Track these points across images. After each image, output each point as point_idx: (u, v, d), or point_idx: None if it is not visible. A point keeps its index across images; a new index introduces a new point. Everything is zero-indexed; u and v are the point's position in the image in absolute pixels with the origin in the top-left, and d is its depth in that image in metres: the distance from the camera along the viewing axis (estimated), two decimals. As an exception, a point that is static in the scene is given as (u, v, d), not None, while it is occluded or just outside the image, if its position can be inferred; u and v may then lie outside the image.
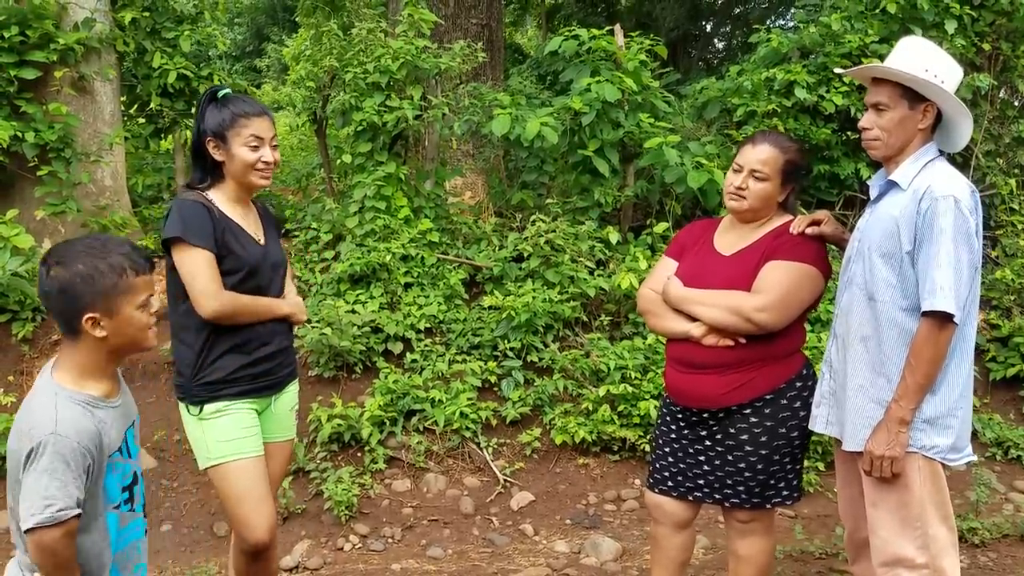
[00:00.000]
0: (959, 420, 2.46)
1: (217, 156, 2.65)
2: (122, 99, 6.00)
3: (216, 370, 2.64)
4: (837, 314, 2.70)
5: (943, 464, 2.47)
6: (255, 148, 2.64)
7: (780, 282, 2.61)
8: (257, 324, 2.69)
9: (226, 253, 2.61)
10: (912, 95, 2.48)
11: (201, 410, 2.65)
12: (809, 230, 2.70)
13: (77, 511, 1.77)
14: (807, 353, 2.90)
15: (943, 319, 2.34)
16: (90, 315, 1.84)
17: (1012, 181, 6.20)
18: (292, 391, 2.92)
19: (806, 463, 4.62)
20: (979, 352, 5.50)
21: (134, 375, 4.94)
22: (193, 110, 5.81)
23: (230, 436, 2.64)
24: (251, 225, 2.76)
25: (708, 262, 2.78)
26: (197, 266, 2.55)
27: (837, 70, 2.86)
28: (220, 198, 2.70)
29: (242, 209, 2.75)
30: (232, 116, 2.62)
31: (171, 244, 2.58)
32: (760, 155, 2.70)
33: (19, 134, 5.03)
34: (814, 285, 2.67)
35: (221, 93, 2.68)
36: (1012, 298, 5.63)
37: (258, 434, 2.74)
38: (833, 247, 2.86)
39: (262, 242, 2.76)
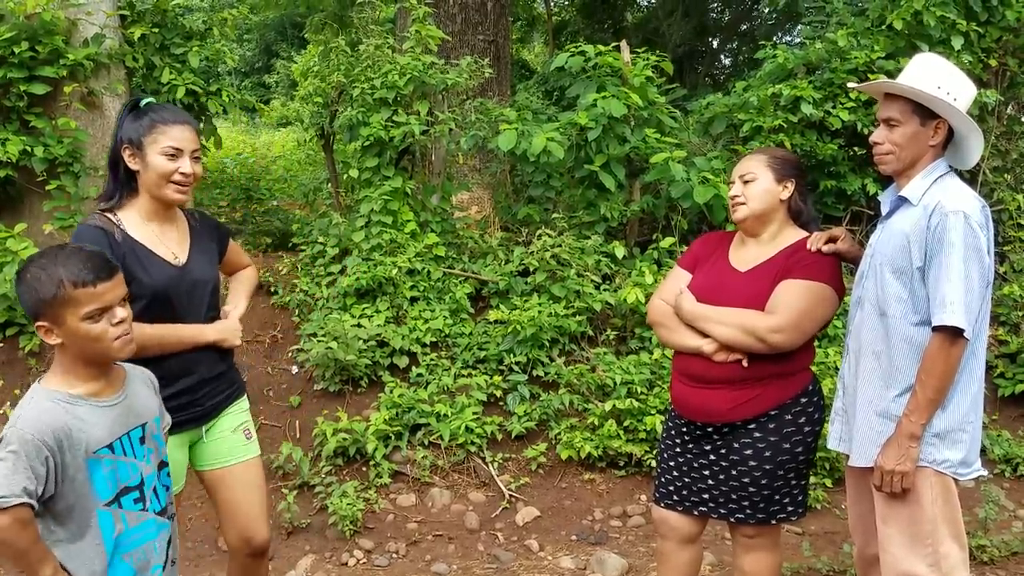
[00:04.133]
0: (969, 434, 2.45)
1: (132, 165, 2.49)
2: (131, 114, 6.02)
3: None
4: (850, 330, 2.69)
5: (954, 479, 2.46)
6: (172, 158, 2.47)
7: (795, 302, 2.60)
8: (171, 355, 2.49)
9: (129, 280, 2.36)
10: (924, 111, 2.48)
11: None
12: (826, 247, 2.70)
13: (22, 500, 1.79)
14: (815, 369, 2.88)
15: (954, 334, 2.34)
16: (39, 324, 1.91)
17: (1020, 197, 6.19)
18: (233, 413, 2.72)
19: (814, 479, 4.60)
20: (987, 368, 5.44)
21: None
22: (201, 125, 5.83)
23: None
24: (171, 242, 2.57)
25: (724, 278, 2.77)
26: None
27: (849, 85, 2.87)
28: (132, 216, 2.52)
29: (159, 225, 2.55)
30: (150, 123, 2.47)
31: None
32: (744, 163, 2.81)
33: (28, 149, 5.06)
34: (829, 304, 2.66)
35: (144, 102, 2.54)
36: (1020, 314, 5.61)
37: (175, 473, 2.48)
38: (846, 264, 2.85)
39: (180, 261, 2.55)
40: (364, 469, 4.59)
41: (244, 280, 2.97)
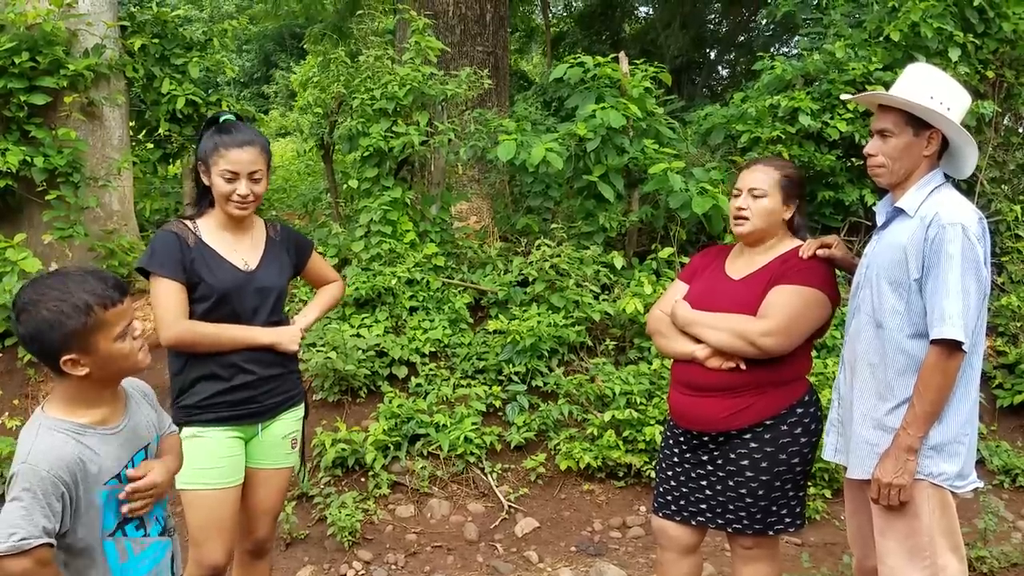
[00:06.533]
0: (965, 446, 2.45)
1: (205, 181, 2.70)
2: (131, 124, 6.04)
3: (192, 395, 2.66)
4: (846, 341, 2.69)
5: (951, 492, 2.45)
6: (229, 181, 2.64)
7: (786, 306, 2.61)
8: (232, 352, 2.66)
9: (197, 281, 2.62)
10: (917, 122, 2.48)
11: (179, 432, 2.65)
12: (820, 252, 2.71)
13: (43, 540, 1.71)
14: (812, 379, 2.89)
15: (952, 347, 2.33)
16: (66, 357, 1.79)
17: (1017, 207, 6.21)
18: (288, 419, 2.86)
19: (813, 490, 4.59)
20: (986, 379, 5.47)
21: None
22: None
23: (199, 464, 2.62)
24: (243, 250, 2.75)
25: (717, 286, 2.79)
26: (158, 295, 2.59)
27: (843, 96, 2.87)
28: (209, 223, 2.72)
29: (232, 234, 2.74)
30: (214, 145, 2.64)
31: (143, 273, 2.64)
32: (754, 175, 2.76)
33: (28, 159, 5.07)
34: (821, 310, 2.67)
35: (223, 119, 2.70)
36: (1018, 324, 5.62)
37: (235, 464, 2.72)
38: (842, 273, 2.86)
39: (250, 268, 2.73)
40: (363, 480, 4.58)
41: (325, 293, 3.10)
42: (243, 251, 2.74)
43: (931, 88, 2.47)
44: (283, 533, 4.17)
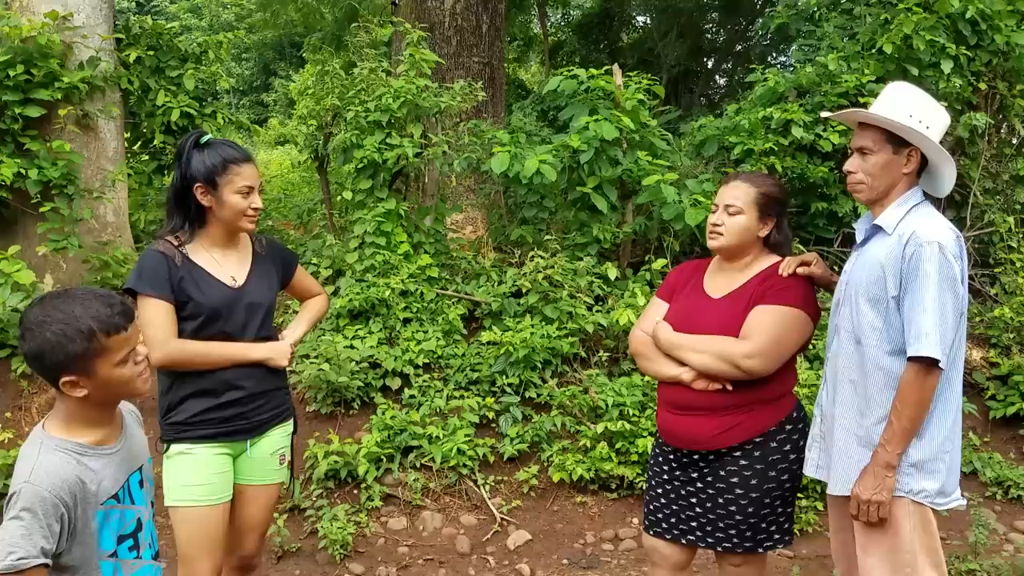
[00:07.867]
0: (946, 464, 2.46)
1: (205, 202, 2.66)
2: (125, 136, 6.06)
3: (181, 412, 2.66)
4: (828, 358, 2.70)
5: (933, 509, 2.46)
6: (246, 195, 2.67)
7: (769, 328, 2.61)
8: (223, 369, 2.66)
9: (185, 300, 2.62)
10: (896, 140, 2.50)
11: (167, 449, 2.68)
12: (800, 270, 2.72)
13: (40, 560, 1.73)
14: (804, 392, 2.89)
15: (929, 364, 2.34)
16: (66, 379, 1.81)
17: (1011, 219, 6.21)
18: (277, 435, 2.87)
19: (805, 503, 4.58)
20: (979, 390, 5.48)
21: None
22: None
23: (188, 481, 2.64)
24: (230, 266, 2.74)
25: (698, 305, 2.79)
26: (147, 316, 2.58)
27: (823, 114, 2.89)
28: (199, 243, 2.71)
29: (221, 251, 2.74)
30: (223, 163, 2.63)
31: (130, 294, 2.64)
32: (732, 190, 2.75)
33: (23, 171, 5.08)
34: (802, 329, 2.68)
35: (204, 139, 2.69)
36: (1011, 336, 5.61)
37: (223, 481, 2.72)
38: (821, 292, 2.86)
39: (238, 284, 2.73)
40: (355, 492, 4.58)
41: (311, 307, 3.11)
42: (230, 267, 2.74)
43: (910, 106, 2.49)
44: (275, 546, 4.17)
